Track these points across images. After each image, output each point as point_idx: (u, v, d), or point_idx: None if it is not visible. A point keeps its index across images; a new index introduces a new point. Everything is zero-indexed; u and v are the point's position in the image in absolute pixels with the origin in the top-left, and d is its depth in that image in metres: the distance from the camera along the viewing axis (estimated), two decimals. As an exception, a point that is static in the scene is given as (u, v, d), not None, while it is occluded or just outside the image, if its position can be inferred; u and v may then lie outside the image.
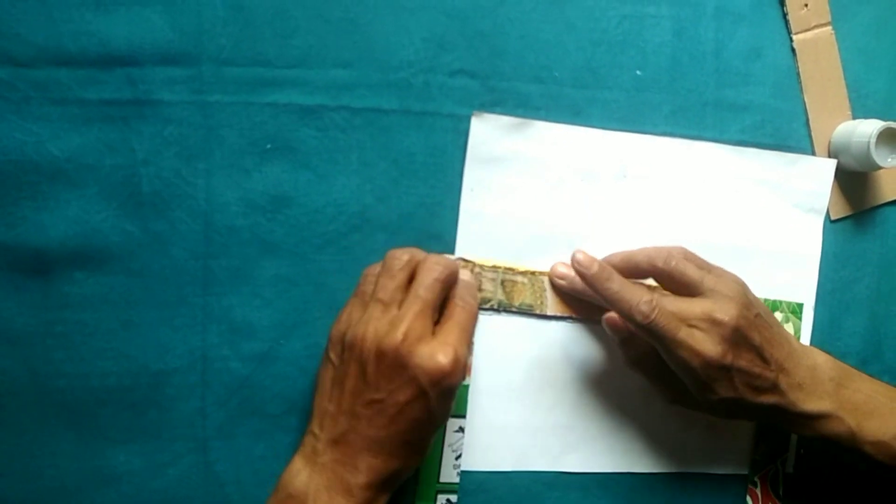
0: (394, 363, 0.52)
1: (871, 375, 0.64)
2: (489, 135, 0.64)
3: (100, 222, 0.59)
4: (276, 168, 0.61)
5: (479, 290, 0.62)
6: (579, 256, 0.61)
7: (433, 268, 0.56)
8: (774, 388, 0.59)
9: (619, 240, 0.67)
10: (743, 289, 0.60)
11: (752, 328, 0.58)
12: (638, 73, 0.67)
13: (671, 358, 0.58)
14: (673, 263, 0.60)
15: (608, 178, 0.67)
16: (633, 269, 0.62)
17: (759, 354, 0.59)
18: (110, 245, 0.59)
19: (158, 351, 0.60)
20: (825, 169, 0.71)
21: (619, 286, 0.59)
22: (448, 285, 0.57)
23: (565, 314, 0.65)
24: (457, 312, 0.57)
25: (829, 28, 0.71)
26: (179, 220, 0.60)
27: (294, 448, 0.55)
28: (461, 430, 0.62)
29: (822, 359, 0.63)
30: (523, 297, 0.64)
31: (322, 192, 0.62)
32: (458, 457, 0.61)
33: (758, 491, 0.71)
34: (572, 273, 0.62)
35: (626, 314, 0.58)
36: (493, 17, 0.64)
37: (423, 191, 0.64)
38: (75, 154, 0.58)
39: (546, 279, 0.65)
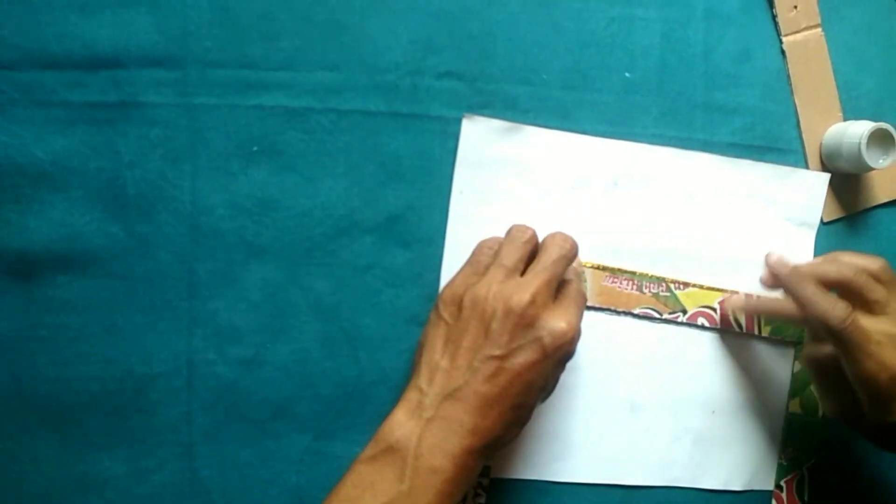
0: (520, 322, 0.52)
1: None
2: (480, 138, 0.64)
3: (84, 225, 0.59)
4: (262, 171, 0.61)
5: None
6: (774, 256, 0.66)
7: (562, 244, 0.58)
8: None
9: (609, 249, 0.66)
10: None
11: None
12: (627, 75, 0.67)
13: (856, 368, 0.57)
14: (863, 279, 0.59)
15: (599, 186, 0.67)
16: (820, 276, 0.61)
17: None
18: (95, 248, 0.59)
19: (143, 355, 0.60)
20: (818, 183, 0.71)
21: (814, 289, 0.59)
22: (569, 263, 0.58)
23: (606, 305, 0.66)
24: (573, 292, 0.57)
25: (819, 30, 0.70)
26: (165, 223, 0.60)
27: (280, 453, 0.55)
28: None
29: None
30: None
31: (309, 196, 0.62)
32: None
33: (783, 495, 0.70)
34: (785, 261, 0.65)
35: (821, 317, 0.57)
36: (481, 19, 0.64)
37: (411, 194, 0.63)
38: (59, 157, 0.58)
39: (587, 269, 0.65)
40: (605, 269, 0.64)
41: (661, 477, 0.68)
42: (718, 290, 0.67)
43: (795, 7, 0.69)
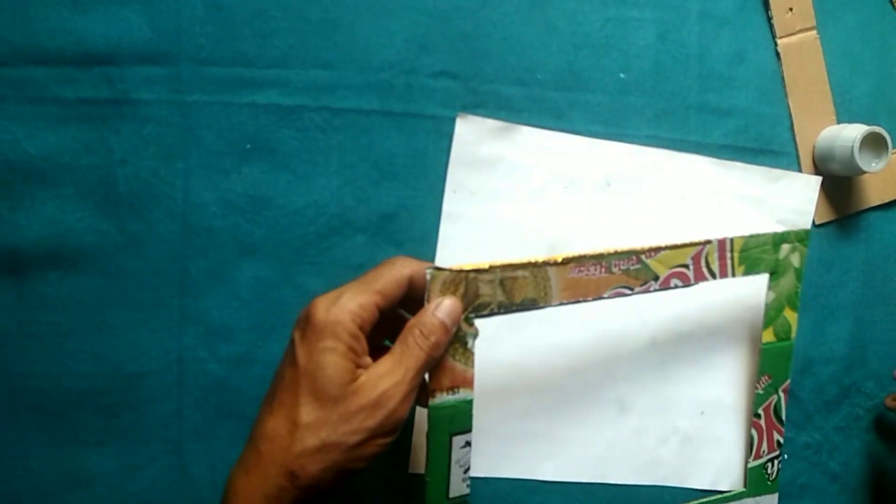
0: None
1: (855, 381, 0.64)
2: (473, 137, 0.64)
3: (75, 222, 0.58)
4: (255, 169, 0.61)
5: (477, 295, 0.54)
6: None
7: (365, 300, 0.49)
8: None
9: (614, 245, 0.66)
10: None
11: None
12: (621, 76, 0.67)
13: None
14: None
15: (592, 186, 0.67)
16: None
17: None
18: (86, 245, 0.59)
19: (134, 353, 0.60)
20: (810, 186, 0.71)
21: None
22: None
23: (572, 299, 0.58)
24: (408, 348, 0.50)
25: (814, 32, 0.70)
26: (157, 221, 0.59)
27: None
28: (468, 444, 0.59)
29: None
30: (525, 293, 0.56)
31: (301, 194, 0.62)
32: (467, 470, 0.59)
33: (762, 423, 0.70)
34: None
35: None
36: (476, 19, 0.64)
37: (404, 193, 0.63)
38: (51, 153, 0.58)
39: (550, 268, 0.57)
40: (569, 259, 0.57)
41: (650, 476, 0.69)
42: (691, 244, 0.61)
43: (790, 9, 0.69)
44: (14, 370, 0.58)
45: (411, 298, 0.51)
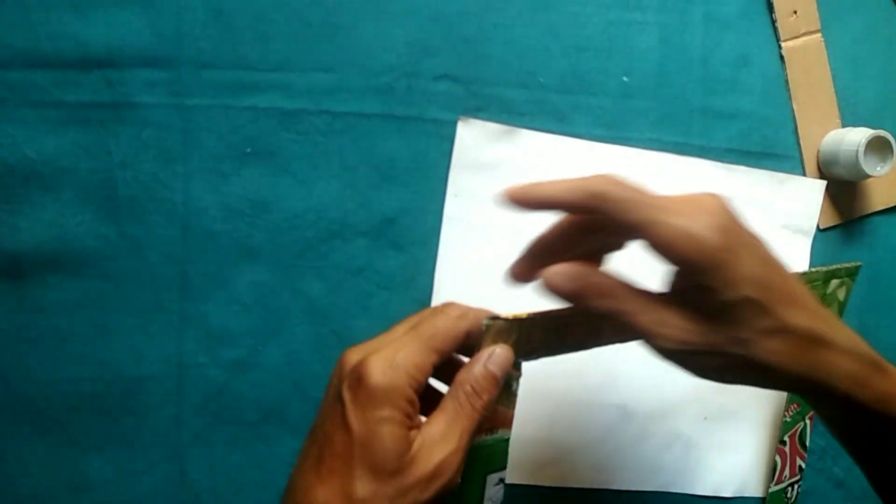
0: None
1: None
2: (475, 141, 0.64)
3: (75, 226, 0.58)
4: (255, 172, 0.61)
5: (529, 340, 0.49)
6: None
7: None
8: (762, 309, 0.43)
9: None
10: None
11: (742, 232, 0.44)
12: (624, 79, 0.66)
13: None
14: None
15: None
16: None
17: (762, 257, 0.44)
18: (86, 249, 0.58)
19: (134, 357, 0.59)
20: (814, 190, 0.70)
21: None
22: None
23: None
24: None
25: (819, 35, 0.70)
26: (156, 225, 0.59)
27: (271, 456, 0.55)
28: (501, 481, 0.57)
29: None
30: (577, 335, 0.52)
31: (302, 198, 0.61)
32: None
33: (786, 449, 0.70)
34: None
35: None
36: (478, 23, 0.64)
37: (406, 196, 0.63)
38: (51, 157, 0.58)
39: None
40: None
41: (653, 482, 0.68)
42: None
43: (795, 12, 0.69)
44: (13, 374, 0.58)
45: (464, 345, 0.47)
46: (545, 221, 0.65)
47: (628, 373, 0.67)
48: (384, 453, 0.42)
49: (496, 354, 0.46)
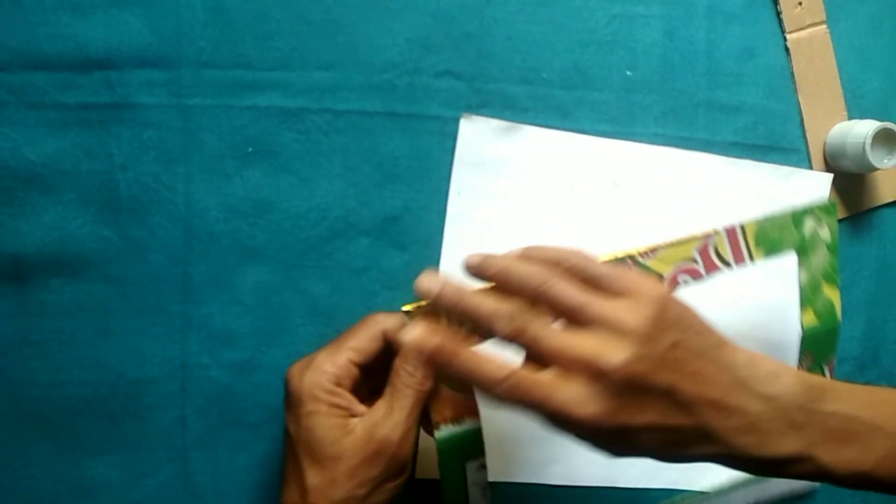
0: None
1: (868, 382, 0.62)
2: (478, 138, 0.63)
3: (77, 228, 0.58)
4: (257, 172, 0.60)
5: (459, 322, 0.52)
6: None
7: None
8: (707, 437, 0.45)
9: (609, 250, 0.65)
10: (651, 309, 0.45)
11: (658, 369, 0.44)
12: (628, 73, 0.66)
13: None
14: (545, 288, 0.47)
15: (599, 186, 0.66)
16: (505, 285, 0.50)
17: (674, 400, 0.45)
18: (87, 252, 0.58)
19: (137, 360, 0.59)
20: (821, 183, 0.70)
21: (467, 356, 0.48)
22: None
23: None
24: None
25: (824, 27, 0.69)
26: (158, 226, 0.59)
27: (276, 457, 0.54)
28: (483, 466, 0.56)
29: (788, 381, 0.47)
30: None
31: (304, 197, 0.61)
32: (485, 486, 0.57)
33: None
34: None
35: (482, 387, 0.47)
36: (479, 18, 0.63)
37: (409, 195, 0.62)
38: (52, 159, 0.57)
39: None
40: None
41: (659, 479, 0.68)
42: (692, 238, 0.59)
43: (800, 3, 0.68)
44: (16, 378, 0.58)
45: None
46: (549, 219, 0.65)
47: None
48: (318, 442, 0.48)
49: (412, 332, 0.49)
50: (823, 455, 0.46)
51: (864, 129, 0.65)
